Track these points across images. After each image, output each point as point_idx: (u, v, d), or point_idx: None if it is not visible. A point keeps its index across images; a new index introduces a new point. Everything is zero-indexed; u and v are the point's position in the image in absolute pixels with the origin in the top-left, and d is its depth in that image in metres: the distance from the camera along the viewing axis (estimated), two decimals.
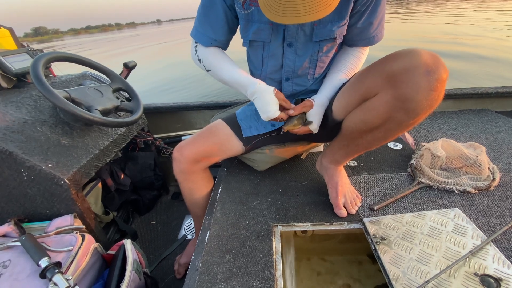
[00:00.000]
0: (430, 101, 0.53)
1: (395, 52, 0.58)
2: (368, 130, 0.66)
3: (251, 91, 0.72)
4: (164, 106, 1.49)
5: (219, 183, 0.97)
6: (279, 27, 0.72)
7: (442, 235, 0.66)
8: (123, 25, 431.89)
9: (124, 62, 1.23)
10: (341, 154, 0.79)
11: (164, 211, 1.37)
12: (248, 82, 0.73)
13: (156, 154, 1.39)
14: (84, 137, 0.95)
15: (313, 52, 0.76)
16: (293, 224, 0.77)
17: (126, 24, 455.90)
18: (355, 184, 0.90)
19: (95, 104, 0.90)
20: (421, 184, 0.87)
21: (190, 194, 0.90)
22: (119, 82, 1.06)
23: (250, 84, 0.73)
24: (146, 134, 1.33)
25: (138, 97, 1.07)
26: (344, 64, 0.78)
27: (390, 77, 0.57)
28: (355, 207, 0.80)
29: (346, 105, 0.71)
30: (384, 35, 0.76)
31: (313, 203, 0.84)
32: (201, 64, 0.81)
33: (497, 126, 1.22)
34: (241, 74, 0.75)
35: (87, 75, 1.23)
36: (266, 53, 0.78)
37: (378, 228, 0.71)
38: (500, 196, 0.80)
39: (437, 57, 0.53)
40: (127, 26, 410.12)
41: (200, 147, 0.85)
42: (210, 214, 0.82)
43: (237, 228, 0.76)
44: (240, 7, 0.71)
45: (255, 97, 0.72)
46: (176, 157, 0.85)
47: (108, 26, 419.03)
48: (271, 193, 0.89)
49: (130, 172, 1.25)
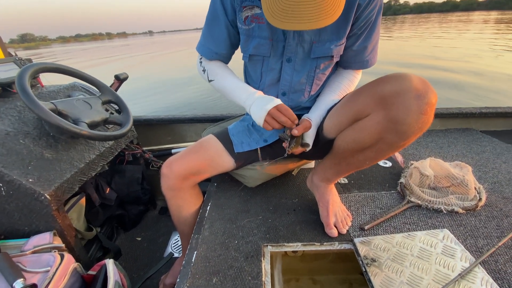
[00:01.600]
0: (420, 124, 0.54)
1: (386, 75, 0.59)
2: (360, 149, 0.67)
3: (253, 96, 0.72)
4: (154, 119, 1.47)
5: (208, 199, 0.95)
6: (279, 43, 0.73)
7: (432, 257, 0.65)
8: (114, 34, 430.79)
9: (115, 74, 1.22)
10: (332, 172, 0.79)
11: (150, 226, 1.33)
12: (251, 90, 0.75)
13: (144, 168, 1.36)
14: (69, 150, 0.92)
15: (310, 68, 0.77)
16: (283, 244, 0.75)
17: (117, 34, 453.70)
18: (345, 203, 0.89)
19: (83, 117, 0.88)
20: (410, 204, 0.87)
21: (178, 211, 0.88)
22: (109, 94, 1.04)
23: (252, 92, 0.74)
24: (135, 147, 1.30)
25: (128, 110, 1.05)
26: (337, 85, 0.80)
27: (382, 99, 0.58)
28: (346, 227, 0.79)
29: (338, 124, 0.72)
30: (377, 61, 0.78)
31: (304, 221, 0.83)
32: (205, 75, 0.84)
33: (482, 145, 1.25)
34: (244, 84, 0.78)
35: (77, 86, 1.21)
36: (265, 67, 0.79)
37: (368, 249, 0.70)
38: (487, 216, 0.81)
39: (426, 82, 0.54)
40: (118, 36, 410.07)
41: (190, 163, 0.83)
42: (198, 233, 0.80)
43: (225, 249, 0.74)
44: (242, 23, 0.73)
45: (254, 100, 0.71)
46: (165, 173, 0.83)
47: (98, 35, 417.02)
48: (262, 210, 0.88)
49: (116, 186, 1.21)
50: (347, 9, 0.66)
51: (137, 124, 1.45)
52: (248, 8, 0.71)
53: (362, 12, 0.68)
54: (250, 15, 0.71)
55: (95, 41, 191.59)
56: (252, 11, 0.71)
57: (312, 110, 0.80)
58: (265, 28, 0.71)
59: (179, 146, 1.51)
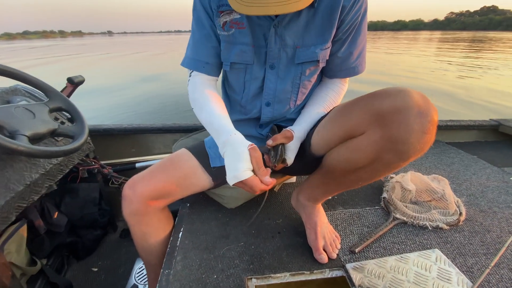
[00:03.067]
0: (422, 144, 0.50)
1: (383, 89, 0.54)
2: (353, 170, 0.61)
3: (222, 140, 0.60)
4: (116, 128, 1.30)
5: (180, 223, 0.83)
6: (261, 49, 0.67)
7: (429, 283, 0.61)
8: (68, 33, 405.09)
9: (68, 77, 1.04)
10: (320, 191, 0.73)
11: (109, 254, 1.15)
12: (223, 130, 0.61)
13: (103, 185, 1.18)
14: (4, 169, 0.74)
15: (295, 75, 0.71)
16: (270, 276, 0.66)
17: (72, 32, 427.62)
18: (332, 221, 0.84)
19: (22, 128, 0.71)
20: (396, 221, 0.84)
21: (143, 239, 0.74)
22: (58, 101, 0.87)
23: (225, 132, 0.60)
24: (92, 161, 1.13)
25: (83, 118, 0.89)
26: (323, 97, 0.74)
27: (379, 116, 0.52)
28: (336, 250, 0.73)
29: (327, 140, 0.66)
30: (365, 68, 0.74)
31: (290, 246, 0.75)
32: (190, 99, 0.73)
33: (450, 157, 1.30)
34: (220, 118, 0.63)
35: (19, 89, 1.01)
36: (248, 76, 0.72)
37: (363, 276, 0.64)
38: (469, 232, 0.80)
39: (427, 98, 0.50)
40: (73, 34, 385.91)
41: (158, 184, 0.71)
42: (169, 268, 0.67)
43: (202, 286, 0.63)
44: (221, 29, 0.67)
45: (225, 150, 0.58)
46: (127, 196, 0.69)
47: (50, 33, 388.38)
48: (243, 235, 0.78)
49: (67, 208, 1.03)
50: (332, 11, 0.62)
51: (94, 134, 1.26)
52: (226, 13, 0.65)
53: (347, 15, 0.64)
54: (228, 20, 0.65)
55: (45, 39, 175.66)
56: (230, 16, 0.65)
57: (296, 122, 0.74)
58: (246, 33, 0.66)
59: (145, 159, 1.35)
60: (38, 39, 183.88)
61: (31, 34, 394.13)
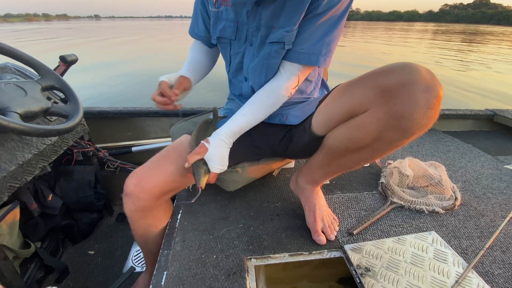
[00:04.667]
0: (427, 119, 0.50)
1: (388, 65, 0.53)
2: (355, 149, 0.61)
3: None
4: (111, 111, 1.27)
5: (178, 206, 0.82)
6: (243, 25, 0.68)
7: (425, 263, 0.63)
8: (53, 16, 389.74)
9: (60, 55, 1.00)
10: (320, 173, 0.73)
11: (105, 237, 1.14)
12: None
13: (98, 168, 1.16)
14: None
15: (264, 55, 0.68)
16: (269, 256, 0.66)
17: (57, 15, 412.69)
18: (330, 205, 0.84)
19: (14, 105, 0.68)
20: (393, 205, 0.85)
21: (146, 231, 0.72)
22: (51, 79, 0.84)
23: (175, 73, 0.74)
24: (87, 144, 1.10)
25: (77, 98, 0.86)
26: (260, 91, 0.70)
27: (384, 92, 0.52)
28: (334, 232, 0.73)
29: (328, 119, 0.65)
30: (327, 65, 0.66)
31: (289, 228, 0.75)
32: None
33: (446, 145, 1.31)
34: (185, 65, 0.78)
35: (9, 67, 0.97)
36: (232, 51, 0.75)
37: (360, 256, 0.65)
38: (464, 216, 0.82)
39: (433, 74, 0.50)
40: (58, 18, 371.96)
41: (167, 177, 0.68)
42: (168, 248, 0.67)
43: (202, 266, 0.63)
44: (212, 5, 0.70)
45: None
46: (133, 193, 0.65)
47: (33, 16, 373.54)
48: (242, 217, 0.78)
49: (62, 191, 1.01)
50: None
51: (89, 116, 1.23)
52: None
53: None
54: None
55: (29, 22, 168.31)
56: None
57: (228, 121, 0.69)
58: (230, 10, 0.68)
59: (141, 143, 1.33)
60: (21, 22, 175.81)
61: (14, 17, 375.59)
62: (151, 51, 10.38)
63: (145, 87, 4.78)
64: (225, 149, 0.66)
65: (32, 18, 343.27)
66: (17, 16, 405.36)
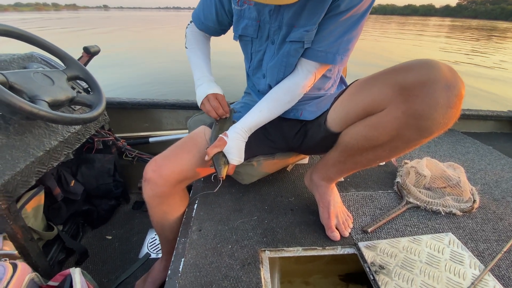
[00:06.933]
0: (447, 119, 0.48)
1: (408, 62, 0.52)
2: (371, 147, 0.60)
3: (203, 79, 0.78)
4: (130, 102, 1.30)
5: (194, 196, 0.84)
6: (266, 24, 0.69)
7: (441, 264, 0.62)
8: (62, 6, 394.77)
9: (84, 46, 1.03)
10: (335, 171, 0.73)
11: (123, 223, 1.18)
12: (207, 72, 0.79)
13: (117, 157, 1.20)
14: (24, 135, 0.75)
15: (283, 53, 0.69)
16: (283, 249, 0.68)
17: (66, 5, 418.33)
18: (344, 202, 0.84)
19: (42, 94, 0.71)
20: (409, 204, 0.84)
21: (163, 218, 0.75)
22: (76, 69, 0.87)
23: (207, 75, 0.79)
24: (106, 133, 1.14)
25: (100, 89, 0.89)
26: (277, 87, 0.72)
27: (403, 90, 0.51)
28: (348, 229, 0.74)
29: (345, 116, 0.65)
30: (343, 64, 0.67)
31: (303, 223, 0.76)
32: (185, 39, 0.85)
33: (465, 146, 1.28)
34: (202, 64, 0.80)
35: (35, 56, 1.01)
36: (254, 48, 0.77)
37: (375, 254, 0.65)
38: (482, 218, 0.80)
39: (455, 71, 0.48)
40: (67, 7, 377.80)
41: (184, 166, 0.70)
42: (185, 236, 0.69)
43: (218, 255, 0.65)
44: (236, 3, 0.72)
45: (205, 81, 0.78)
46: (151, 179, 0.68)
47: (43, 5, 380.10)
48: (256, 210, 0.79)
49: (83, 177, 1.05)
50: None
51: (109, 107, 1.27)
52: None
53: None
54: None
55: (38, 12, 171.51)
56: None
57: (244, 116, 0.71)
58: (253, 9, 0.68)
59: (158, 134, 1.36)
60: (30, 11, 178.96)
61: (23, 6, 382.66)
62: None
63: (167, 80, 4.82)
64: (242, 143, 0.69)
65: (41, 7, 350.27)
66: (27, 5, 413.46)
